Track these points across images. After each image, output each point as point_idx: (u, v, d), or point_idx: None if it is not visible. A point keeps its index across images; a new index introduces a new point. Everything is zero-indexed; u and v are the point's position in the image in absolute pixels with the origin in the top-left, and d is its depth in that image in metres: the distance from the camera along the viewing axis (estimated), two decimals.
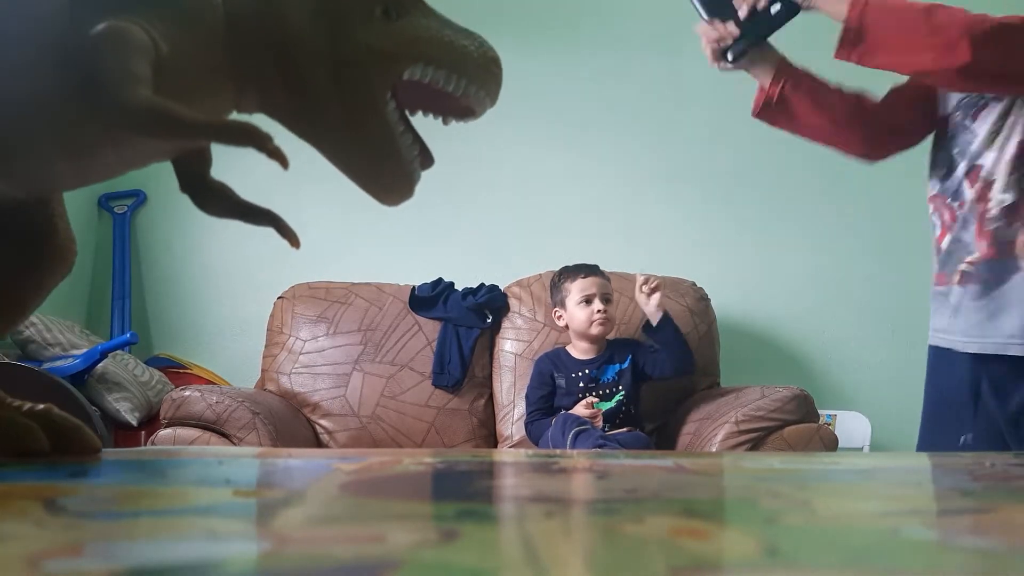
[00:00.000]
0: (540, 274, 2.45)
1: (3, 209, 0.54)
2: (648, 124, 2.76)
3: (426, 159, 0.57)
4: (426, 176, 0.62)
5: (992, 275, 1.16)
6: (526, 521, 0.30)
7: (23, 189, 0.55)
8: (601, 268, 2.16)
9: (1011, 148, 1.15)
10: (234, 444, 1.88)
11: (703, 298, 2.42)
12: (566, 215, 2.69)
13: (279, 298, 2.45)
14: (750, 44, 1.17)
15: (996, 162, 1.16)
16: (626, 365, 2.10)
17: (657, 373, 2.10)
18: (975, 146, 1.20)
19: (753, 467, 0.51)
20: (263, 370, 2.39)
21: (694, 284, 2.44)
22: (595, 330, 2.06)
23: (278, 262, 2.69)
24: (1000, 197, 1.15)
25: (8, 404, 0.54)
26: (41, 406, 0.54)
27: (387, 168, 0.54)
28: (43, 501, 0.33)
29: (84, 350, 2.16)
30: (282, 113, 0.54)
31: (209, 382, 2.48)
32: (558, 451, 1.53)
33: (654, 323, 2.08)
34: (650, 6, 2.77)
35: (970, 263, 1.19)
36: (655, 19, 2.75)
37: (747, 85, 2.74)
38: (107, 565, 0.22)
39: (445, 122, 0.58)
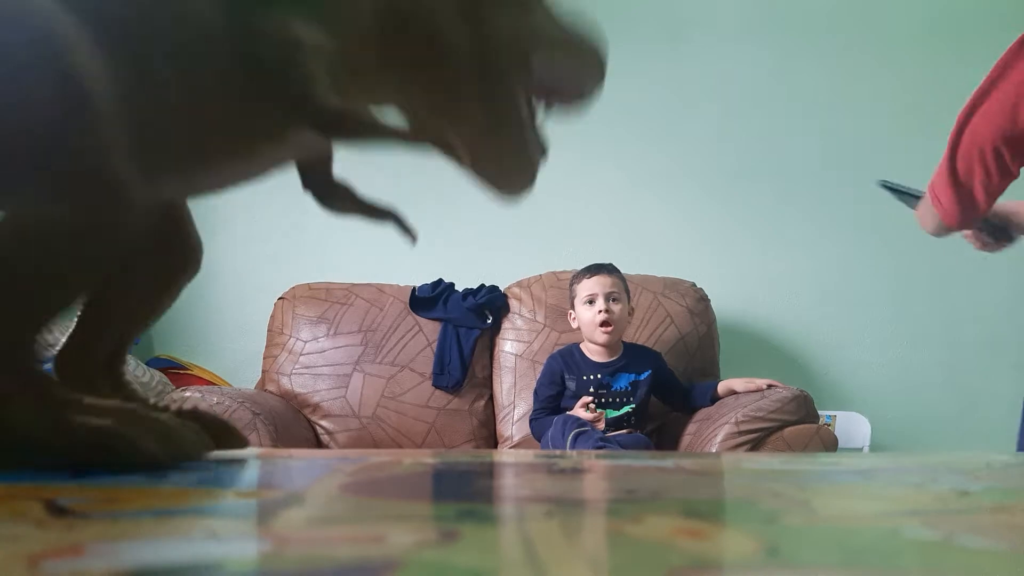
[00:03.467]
0: (540, 274, 2.45)
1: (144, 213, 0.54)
2: (649, 124, 2.76)
3: (545, 149, 0.56)
4: (425, 176, 0.62)
5: None
6: (526, 521, 0.30)
7: (185, 191, 0.54)
8: (618, 272, 2.11)
9: None
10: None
11: (703, 299, 2.43)
12: (566, 216, 2.69)
13: (279, 299, 2.45)
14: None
15: None
16: (643, 377, 2.05)
17: (669, 404, 2.09)
18: None
19: (753, 467, 0.51)
20: (263, 371, 2.39)
21: (694, 284, 2.45)
22: (599, 336, 2.02)
23: (279, 263, 2.69)
24: None
25: (156, 405, 0.53)
26: (188, 406, 0.54)
27: (517, 161, 0.54)
28: (43, 501, 0.33)
29: None
30: (418, 107, 0.53)
31: (210, 383, 2.49)
32: (558, 451, 1.53)
33: (719, 395, 2.05)
34: (651, 6, 2.77)
35: None
36: (656, 19, 2.76)
37: (747, 85, 2.76)
38: (107, 565, 0.22)
39: (548, 110, 0.56)
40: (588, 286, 2.04)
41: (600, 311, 2.00)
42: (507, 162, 0.54)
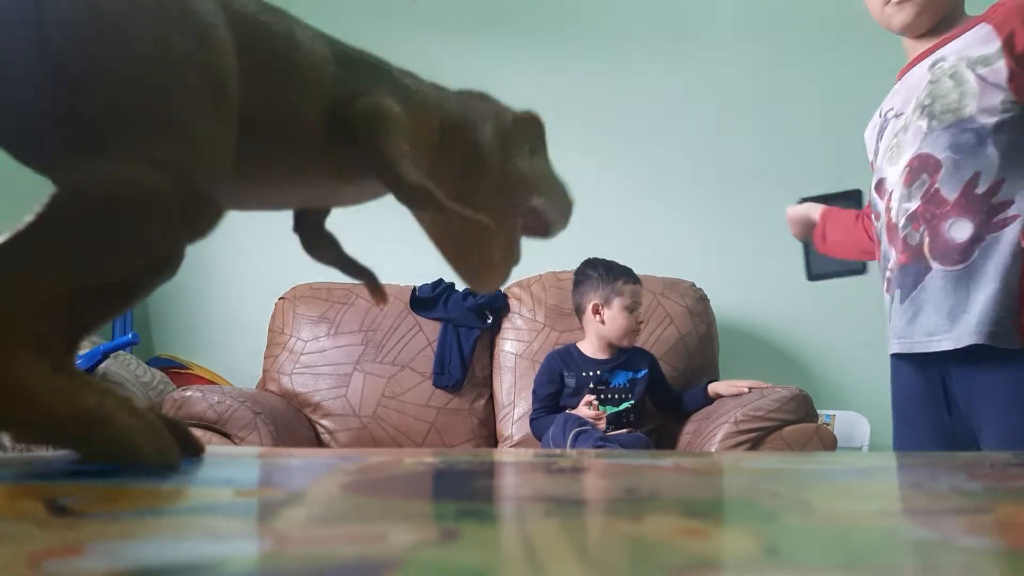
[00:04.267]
0: (540, 274, 2.45)
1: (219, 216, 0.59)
2: (648, 125, 2.76)
3: (518, 259, 0.68)
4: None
5: (909, 279, 1.24)
6: (526, 521, 0.30)
7: (244, 205, 0.60)
8: None
9: (903, 160, 1.25)
10: (235, 444, 1.88)
11: (702, 298, 2.43)
12: None
13: (280, 298, 2.45)
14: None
15: (893, 174, 1.28)
16: (640, 375, 2.08)
17: (660, 406, 2.12)
18: (878, 162, 1.32)
19: (752, 467, 0.51)
20: (264, 370, 2.39)
21: (693, 284, 2.45)
22: (628, 340, 2.08)
23: (279, 263, 2.69)
24: (904, 206, 1.24)
25: (159, 414, 0.54)
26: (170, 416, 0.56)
27: (502, 268, 0.65)
28: (43, 501, 0.34)
29: (86, 350, 2.17)
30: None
31: (210, 382, 2.49)
32: (558, 450, 1.52)
33: (708, 397, 2.09)
34: (650, 7, 2.77)
35: (890, 270, 1.29)
36: (655, 19, 2.76)
37: (747, 85, 2.77)
38: (107, 565, 0.22)
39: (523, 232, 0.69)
40: (634, 292, 2.08)
41: (640, 321, 2.07)
42: (494, 267, 0.65)
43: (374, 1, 2.85)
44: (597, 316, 2.10)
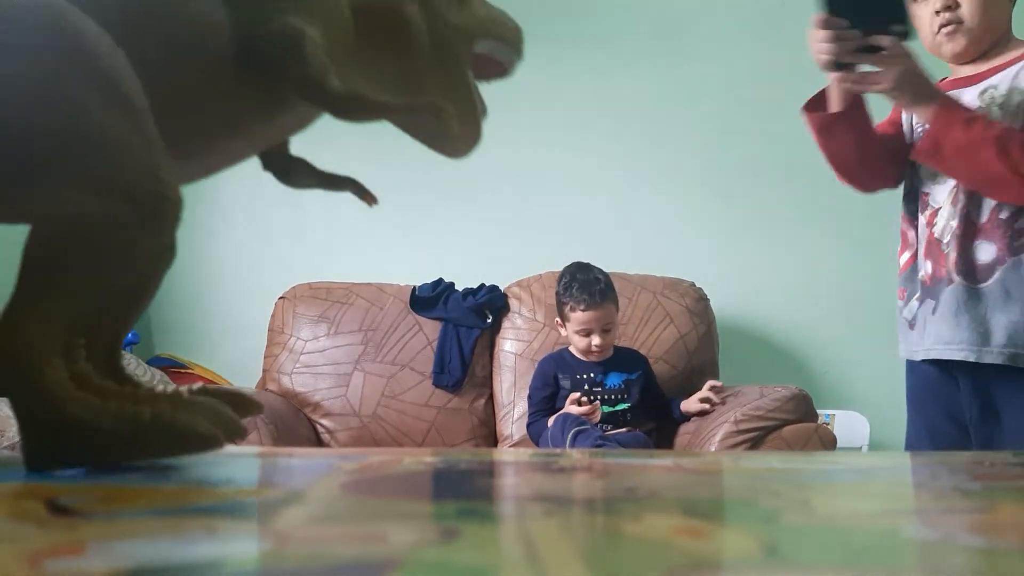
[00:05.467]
0: (540, 274, 2.45)
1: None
2: (648, 124, 2.76)
3: (485, 109, 0.67)
4: (426, 175, 0.68)
5: (949, 296, 1.25)
6: (526, 520, 0.30)
7: (202, 173, 0.60)
8: (611, 291, 2.07)
9: (951, 181, 1.26)
10: (235, 443, 1.88)
11: (702, 298, 2.42)
12: (566, 215, 2.69)
13: (280, 298, 2.45)
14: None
15: (940, 192, 1.28)
16: (635, 376, 2.06)
17: (649, 411, 2.09)
18: (923, 173, 1.32)
19: (752, 466, 0.51)
20: (264, 370, 2.39)
21: (693, 284, 2.44)
22: (592, 356, 2.05)
23: (279, 262, 2.69)
24: (951, 224, 1.26)
25: (170, 393, 0.54)
26: (195, 388, 0.57)
27: (469, 125, 0.64)
28: (44, 501, 0.34)
29: None
30: (384, 85, 0.61)
31: (210, 382, 2.48)
32: (558, 450, 1.52)
33: (683, 413, 2.08)
34: (650, 5, 2.77)
35: (923, 280, 1.31)
36: (655, 18, 2.75)
37: (748, 83, 2.75)
38: (108, 565, 0.22)
39: (481, 79, 0.67)
40: (583, 319, 2.01)
41: (596, 344, 2.01)
42: (463, 129, 0.62)
43: None
44: (561, 329, 2.12)
